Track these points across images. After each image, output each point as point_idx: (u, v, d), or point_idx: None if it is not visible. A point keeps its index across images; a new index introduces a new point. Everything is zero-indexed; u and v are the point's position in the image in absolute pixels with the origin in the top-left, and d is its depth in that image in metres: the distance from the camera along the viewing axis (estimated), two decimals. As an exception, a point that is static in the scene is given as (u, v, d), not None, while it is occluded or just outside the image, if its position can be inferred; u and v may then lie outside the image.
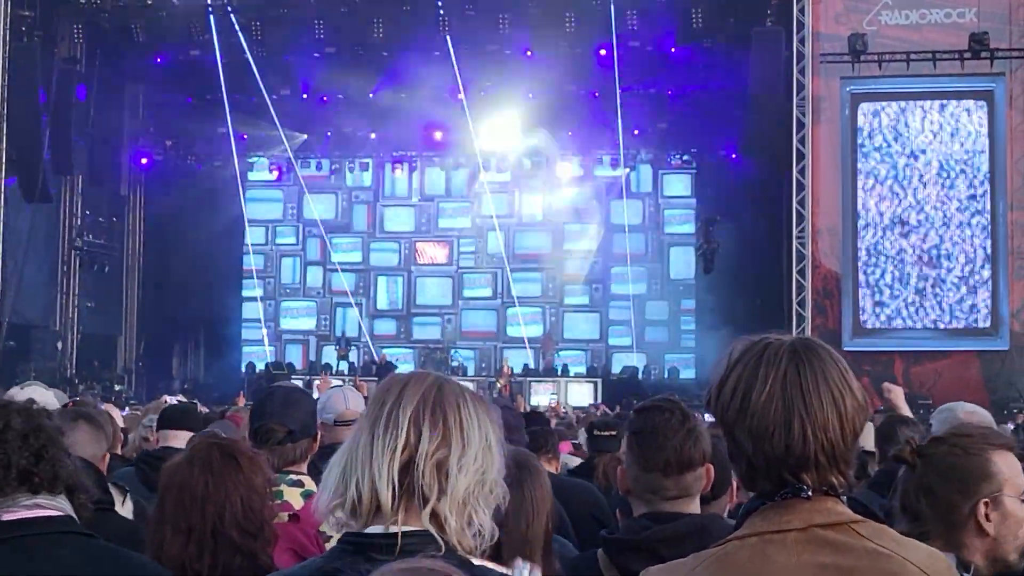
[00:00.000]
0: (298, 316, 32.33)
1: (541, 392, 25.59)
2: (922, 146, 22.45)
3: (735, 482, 3.66)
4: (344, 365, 28.66)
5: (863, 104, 22.60)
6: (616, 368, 27.88)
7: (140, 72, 28.03)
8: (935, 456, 2.87)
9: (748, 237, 25.64)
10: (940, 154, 22.39)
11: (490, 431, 2.30)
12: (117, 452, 6.26)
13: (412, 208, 32.58)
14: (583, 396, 25.09)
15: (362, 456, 2.22)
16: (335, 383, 21.48)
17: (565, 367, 28.10)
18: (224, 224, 29.09)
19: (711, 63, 25.77)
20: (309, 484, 3.97)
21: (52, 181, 25.25)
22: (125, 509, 4.53)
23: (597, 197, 30.08)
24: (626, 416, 6.05)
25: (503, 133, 28.14)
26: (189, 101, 27.37)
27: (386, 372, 24.75)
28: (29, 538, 2.66)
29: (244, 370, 28.82)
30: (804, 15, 22.25)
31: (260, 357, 29.06)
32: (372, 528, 2.21)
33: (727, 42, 25.14)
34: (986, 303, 22.13)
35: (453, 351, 29.40)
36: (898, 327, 22.34)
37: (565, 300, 31.05)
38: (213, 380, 28.34)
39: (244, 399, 16.88)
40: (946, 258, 22.28)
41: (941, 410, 4.98)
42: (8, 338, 24.29)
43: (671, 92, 26.77)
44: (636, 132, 27.73)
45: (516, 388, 24.74)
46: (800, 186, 22.27)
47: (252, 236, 30.79)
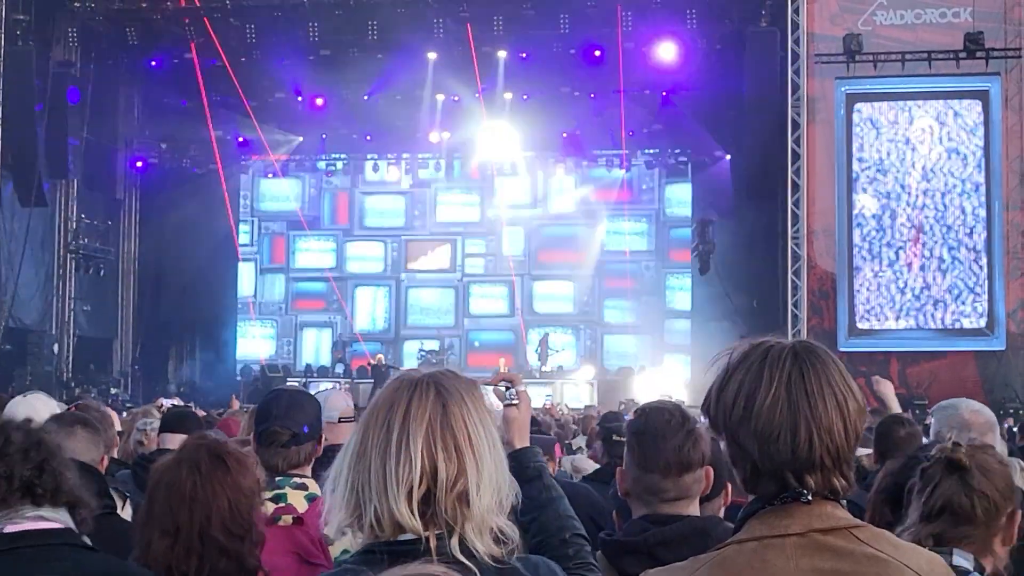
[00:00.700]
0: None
1: (536, 394, 25.54)
2: (917, 146, 22.46)
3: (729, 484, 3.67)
4: (340, 367, 28.66)
5: (858, 104, 22.61)
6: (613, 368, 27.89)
7: (135, 75, 28.03)
8: (985, 461, 3.01)
9: (743, 238, 25.64)
10: (935, 154, 22.40)
11: (493, 433, 2.30)
12: (114, 456, 6.24)
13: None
14: (579, 397, 25.08)
15: (375, 483, 2.20)
16: (326, 386, 21.49)
17: (560, 367, 28.08)
18: (219, 227, 29.06)
19: (706, 64, 25.79)
20: (313, 487, 3.96)
21: (47, 185, 25.22)
22: (125, 512, 4.54)
23: (593, 201, 30.11)
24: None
25: (500, 135, 28.18)
26: (184, 104, 27.33)
27: (381, 375, 24.76)
28: (31, 549, 2.66)
29: (240, 373, 28.80)
30: (799, 16, 22.26)
31: (256, 360, 29.06)
32: (402, 536, 2.21)
33: (722, 43, 25.16)
34: (982, 303, 22.14)
35: (451, 353, 29.33)
36: (894, 327, 22.35)
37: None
38: (209, 383, 28.29)
39: (238, 402, 16.86)
40: (942, 258, 22.28)
41: (943, 407, 4.93)
42: (4, 342, 24.25)
43: (666, 93, 26.77)
44: (631, 134, 27.73)
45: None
46: (795, 186, 22.28)
47: (244, 238, 30.80)
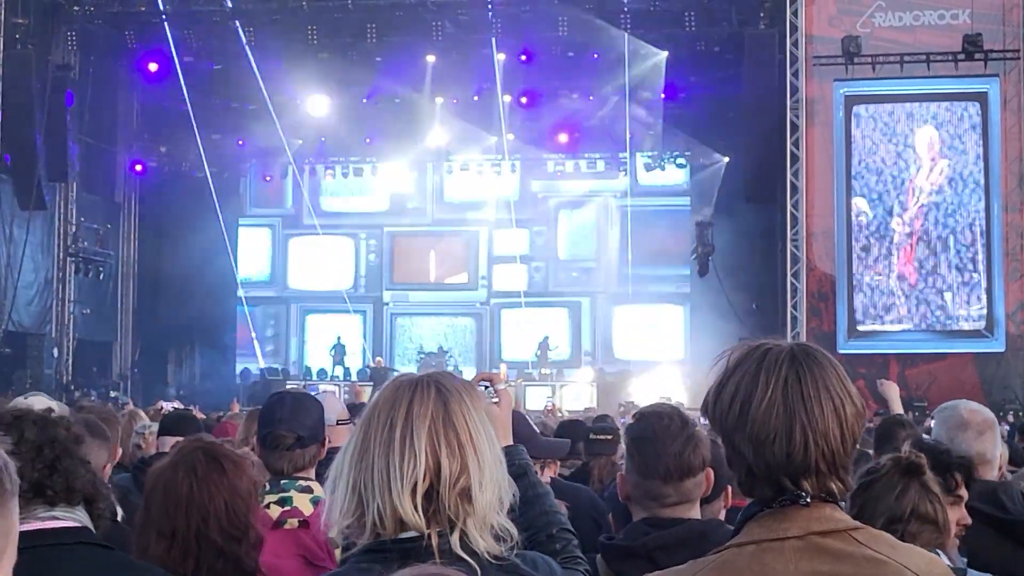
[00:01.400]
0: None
1: (536, 395, 25.54)
2: (916, 148, 22.46)
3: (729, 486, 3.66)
4: (340, 370, 28.66)
5: (857, 106, 22.59)
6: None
7: (134, 78, 28.02)
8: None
9: (743, 240, 25.65)
10: (934, 156, 22.40)
11: (492, 432, 2.32)
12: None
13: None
14: (579, 400, 25.08)
15: (379, 481, 2.22)
16: (325, 388, 21.48)
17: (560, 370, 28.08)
18: (218, 230, 29.05)
19: (705, 66, 25.80)
20: (318, 490, 3.95)
21: (47, 188, 25.22)
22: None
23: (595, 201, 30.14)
24: None
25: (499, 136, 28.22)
26: (183, 107, 27.33)
27: (381, 377, 24.76)
28: (45, 549, 2.64)
29: (239, 376, 28.81)
30: (797, 18, 22.25)
31: (255, 363, 29.07)
32: (404, 535, 2.23)
33: (721, 45, 25.16)
34: (981, 305, 22.13)
35: (449, 357, 29.35)
36: (893, 329, 22.33)
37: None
38: (208, 386, 28.29)
39: (238, 404, 16.87)
40: (940, 260, 22.27)
41: (943, 408, 4.95)
42: (3, 345, 24.25)
43: (664, 96, 26.79)
44: (630, 136, 27.74)
45: (510, 392, 24.61)
46: (794, 188, 22.28)
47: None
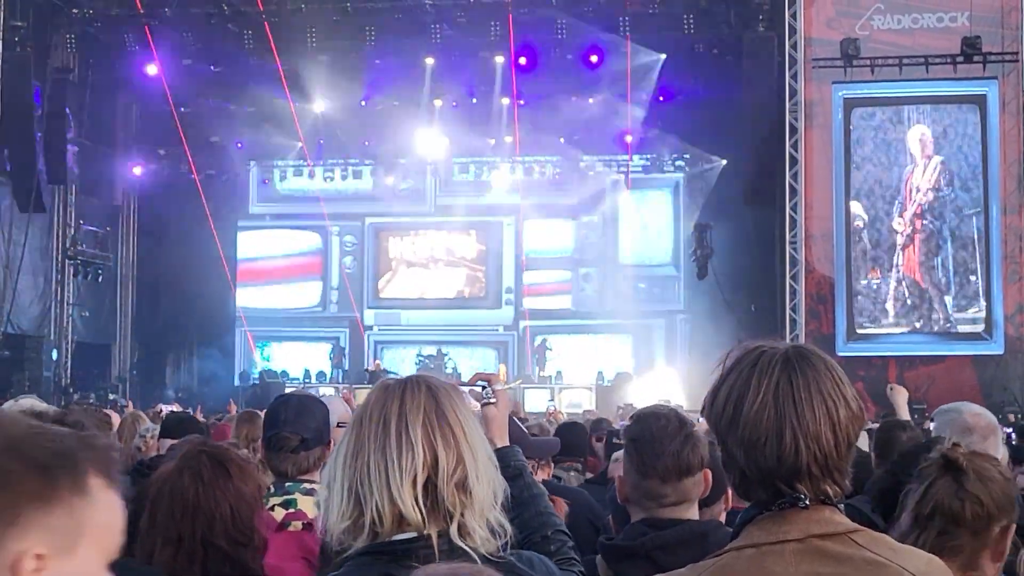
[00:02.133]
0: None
1: (536, 398, 25.52)
2: (914, 150, 22.47)
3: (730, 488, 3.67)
4: (338, 373, 28.64)
5: (856, 109, 22.61)
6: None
7: (133, 81, 28.00)
8: (983, 468, 2.85)
9: (741, 243, 25.65)
10: (933, 158, 22.41)
11: (481, 429, 2.35)
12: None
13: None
14: (578, 402, 25.06)
15: (376, 477, 2.23)
16: (325, 391, 21.45)
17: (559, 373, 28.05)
18: (217, 232, 29.04)
19: (703, 69, 25.81)
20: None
21: (46, 191, 25.22)
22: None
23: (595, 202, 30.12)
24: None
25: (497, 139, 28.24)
26: (182, 110, 27.34)
27: (378, 380, 24.74)
28: None
29: (238, 379, 28.80)
30: (796, 20, 22.26)
31: (254, 365, 29.06)
32: (401, 535, 2.23)
33: (720, 48, 25.17)
34: (980, 307, 22.14)
35: (448, 358, 29.35)
36: (892, 332, 22.34)
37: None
38: (207, 388, 28.29)
39: (235, 406, 16.84)
40: (939, 262, 22.29)
41: (945, 411, 4.93)
42: (2, 348, 24.24)
43: (663, 98, 26.79)
44: (629, 138, 27.75)
45: (511, 395, 24.58)
46: (793, 191, 22.28)
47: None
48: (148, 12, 25.08)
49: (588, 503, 5.65)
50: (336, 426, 4.80)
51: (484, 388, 3.16)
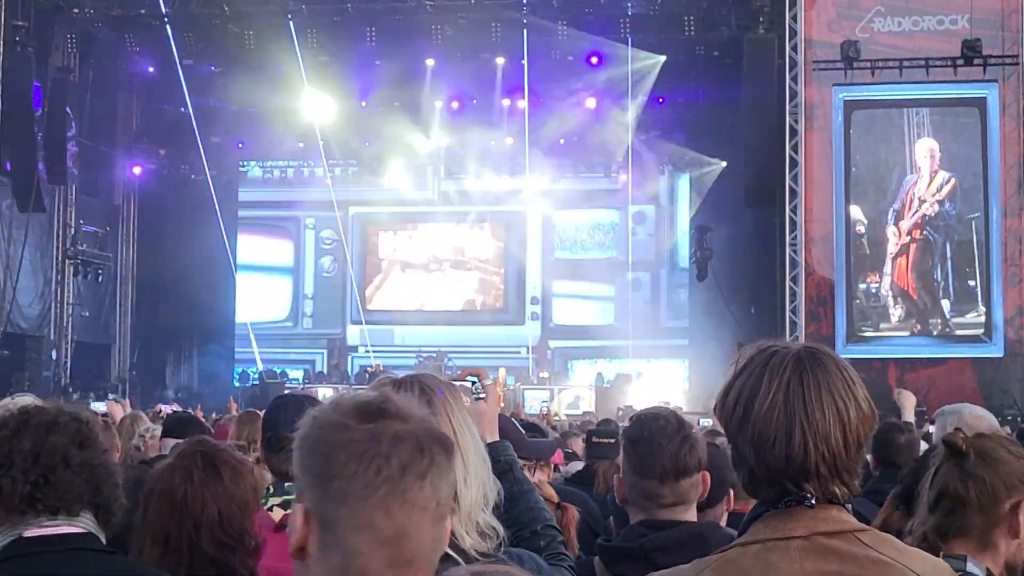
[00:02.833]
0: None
1: (535, 399, 25.50)
2: (915, 153, 22.47)
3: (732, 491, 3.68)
4: (337, 374, 28.62)
5: (856, 111, 22.61)
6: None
7: (134, 81, 28.01)
8: (987, 448, 2.88)
9: (741, 245, 25.66)
10: (933, 161, 22.40)
11: (475, 431, 2.35)
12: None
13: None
14: (577, 404, 25.03)
15: None
16: (325, 392, 21.38)
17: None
18: (217, 233, 29.05)
19: (704, 71, 25.82)
20: None
21: (46, 191, 25.22)
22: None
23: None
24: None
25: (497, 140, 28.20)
26: (183, 110, 27.33)
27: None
28: (49, 555, 2.65)
29: (238, 378, 28.79)
30: (797, 22, 22.26)
31: (254, 365, 29.03)
32: None
33: (720, 50, 25.18)
34: (980, 310, 22.14)
35: (448, 359, 29.29)
36: (892, 334, 22.33)
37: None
38: (207, 388, 28.29)
39: (235, 404, 16.84)
40: (939, 265, 22.28)
41: (946, 412, 4.95)
42: (2, 347, 24.24)
43: (663, 100, 26.79)
44: (629, 140, 27.74)
45: (510, 396, 24.63)
46: (793, 193, 22.28)
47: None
48: (149, 12, 25.10)
49: (585, 506, 5.65)
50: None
51: (474, 383, 3.17)
